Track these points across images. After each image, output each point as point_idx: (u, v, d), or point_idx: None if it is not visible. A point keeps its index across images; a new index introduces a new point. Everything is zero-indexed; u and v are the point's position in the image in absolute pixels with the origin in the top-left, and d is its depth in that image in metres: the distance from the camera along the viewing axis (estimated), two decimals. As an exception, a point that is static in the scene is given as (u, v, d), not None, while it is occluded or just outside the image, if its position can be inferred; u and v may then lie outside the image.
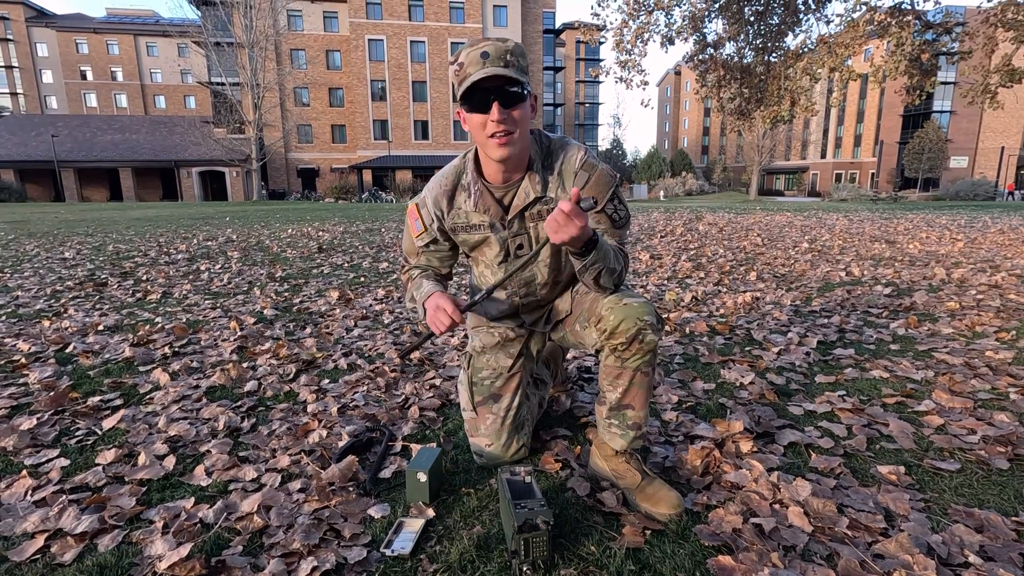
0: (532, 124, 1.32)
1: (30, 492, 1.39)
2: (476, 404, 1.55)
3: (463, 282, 4.47)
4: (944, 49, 7.39)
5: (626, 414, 1.35)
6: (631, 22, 7.57)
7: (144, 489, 1.42)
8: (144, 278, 4.64)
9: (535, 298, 1.52)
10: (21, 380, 2.20)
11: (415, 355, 2.47)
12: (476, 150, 1.36)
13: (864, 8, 7.02)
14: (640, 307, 1.29)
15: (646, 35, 7.63)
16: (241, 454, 1.61)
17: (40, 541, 1.20)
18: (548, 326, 1.57)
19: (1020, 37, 6.54)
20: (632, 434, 1.36)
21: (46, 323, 3.10)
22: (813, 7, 7.63)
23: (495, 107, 1.17)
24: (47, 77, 49.19)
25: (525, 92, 1.21)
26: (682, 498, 1.29)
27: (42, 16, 49.23)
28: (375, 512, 1.30)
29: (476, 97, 1.18)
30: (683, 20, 7.68)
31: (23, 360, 2.42)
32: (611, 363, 1.34)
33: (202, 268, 5.18)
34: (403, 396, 2.03)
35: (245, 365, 2.36)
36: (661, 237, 7.64)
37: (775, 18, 7.75)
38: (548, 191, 1.34)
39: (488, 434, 1.52)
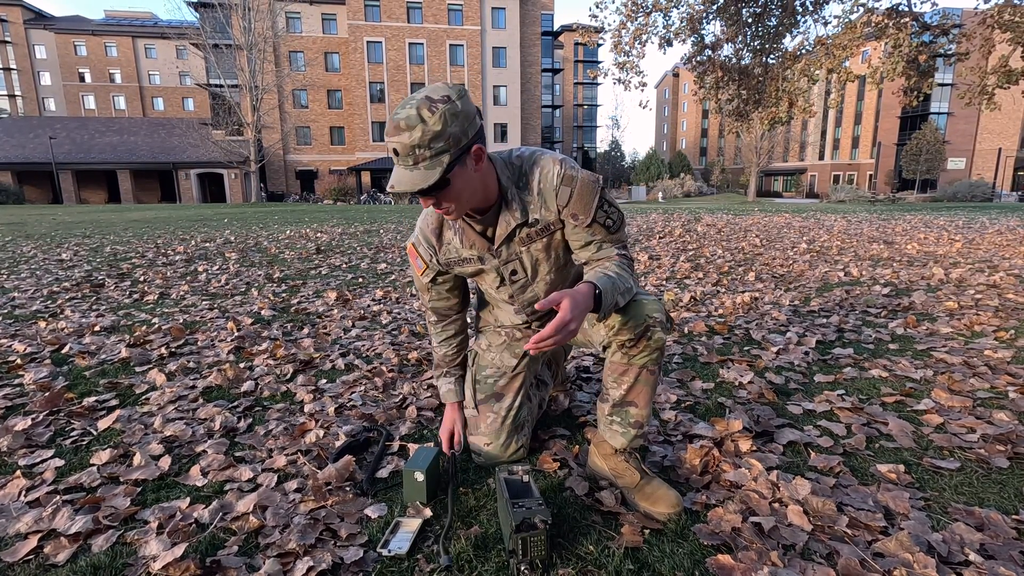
0: (493, 159, 1.26)
1: (24, 493, 1.38)
2: (478, 402, 1.55)
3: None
4: (941, 51, 7.40)
5: (629, 411, 1.34)
6: (629, 24, 7.58)
7: (139, 489, 1.41)
8: (141, 279, 4.63)
9: (542, 313, 1.51)
10: (16, 381, 2.19)
11: (413, 355, 2.47)
12: None
13: (862, 10, 7.05)
14: (649, 304, 1.27)
15: (644, 37, 7.64)
16: (237, 454, 1.60)
17: (33, 542, 1.19)
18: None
19: (1017, 38, 6.56)
20: (633, 432, 1.35)
21: (42, 324, 3.09)
22: (811, 9, 7.64)
23: (422, 202, 1.19)
24: (45, 79, 49.12)
25: (443, 178, 1.12)
26: (681, 497, 1.28)
27: (40, 18, 49.19)
28: (372, 512, 1.29)
29: None
30: (681, 22, 7.69)
31: (18, 361, 2.41)
32: (617, 359, 1.32)
33: (200, 269, 5.17)
34: (401, 396, 2.02)
35: (242, 366, 2.35)
36: (660, 238, 7.64)
37: (773, 20, 7.77)
38: (531, 213, 1.31)
39: (488, 433, 1.51)
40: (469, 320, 1.65)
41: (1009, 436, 1.59)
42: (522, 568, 1.07)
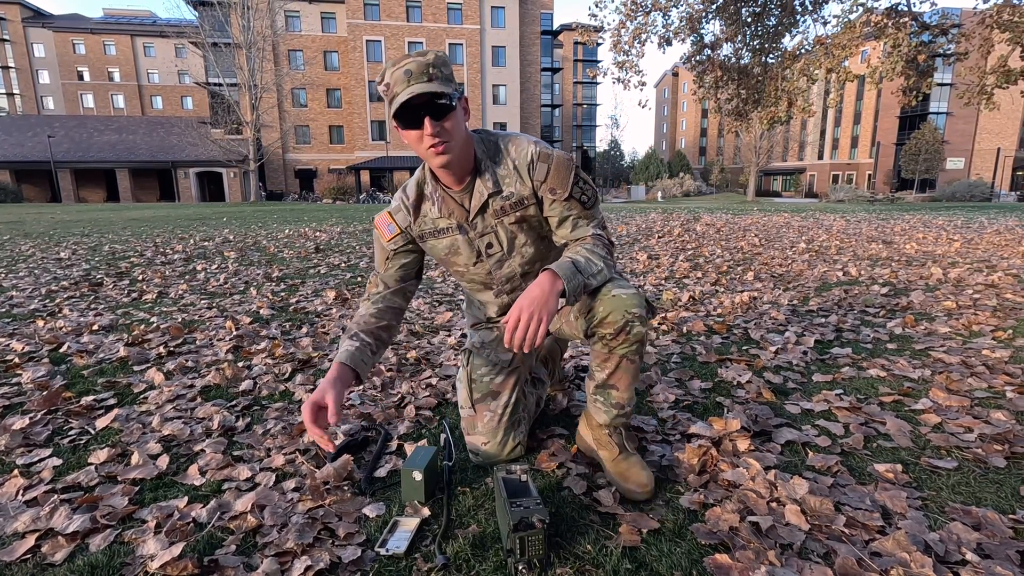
0: (470, 124, 1.33)
1: (21, 492, 1.38)
2: (475, 401, 1.55)
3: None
4: (940, 51, 7.40)
5: (611, 393, 1.40)
6: (629, 23, 7.58)
7: (137, 489, 1.41)
8: (140, 278, 4.62)
9: (521, 291, 1.51)
10: (14, 380, 2.19)
11: (412, 354, 2.47)
12: None
13: (861, 9, 7.05)
14: (629, 299, 1.29)
15: (644, 36, 7.64)
16: (235, 453, 1.60)
17: (31, 541, 1.19)
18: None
19: (1016, 38, 6.57)
20: (615, 412, 1.41)
21: (40, 323, 3.08)
22: (810, 8, 7.64)
23: (427, 122, 1.19)
24: (44, 78, 49.06)
25: (453, 102, 1.21)
26: (653, 480, 1.34)
27: (39, 16, 49.10)
28: (370, 511, 1.29)
29: (407, 115, 1.20)
30: (681, 21, 7.69)
31: (16, 360, 2.40)
32: (599, 348, 1.36)
33: (199, 268, 5.17)
34: (399, 395, 2.02)
35: (241, 365, 2.35)
36: (659, 238, 7.65)
37: (772, 19, 7.77)
38: (505, 186, 1.35)
39: (485, 432, 1.52)
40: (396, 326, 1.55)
41: (1006, 436, 1.60)
42: (520, 567, 1.07)
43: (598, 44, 8.89)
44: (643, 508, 1.30)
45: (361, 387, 2.10)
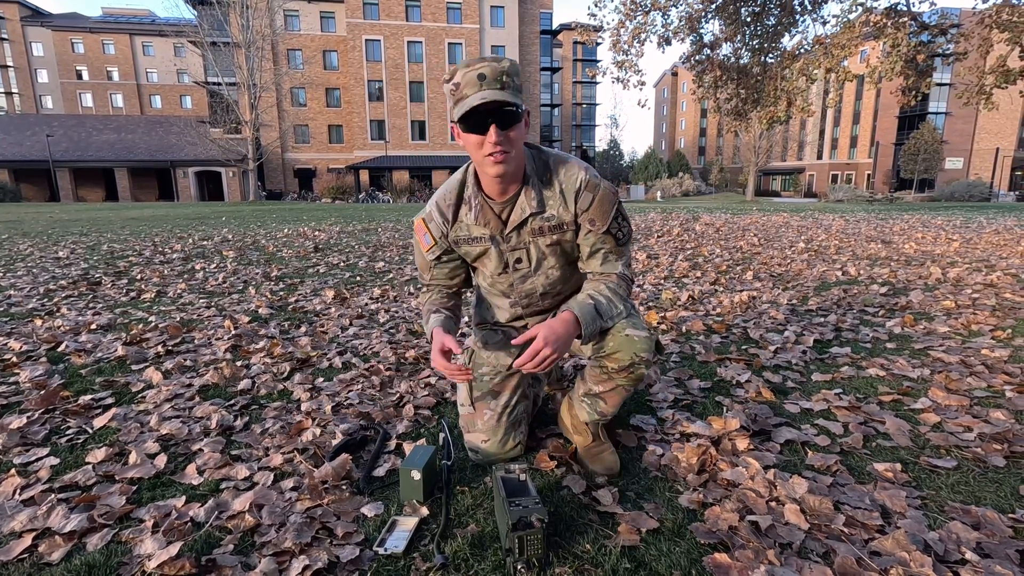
0: (527, 138, 1.33)
1: (18, 491, 1.37)
2: (474, 400, 1.55)
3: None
4: (939, 50, 7.41)
5: (599, 402, 1.45)
6: (628, 23, 7.57)
7: (135, 488, 1.40)
8: (138, 277, 4.62)
9: (538, 307, 1.54)
10: (12, 379, 2.18)
11: (410, 354, 2.46)
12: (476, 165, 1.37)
13: (860, 9, 7.05)
14: (640, 342, 1.34)
15: (643, 35, 7.64)
16: (234, 453, 1.59)
17: (28, 540, 1.18)
18: None
19: (1015, 38, 6.57)
20: (597, 416, 1.47)
21: (38, 322, 3.08)
22: (809, 8, 7.65)
23: (492, 129, 1.19)
24: (42, 77, 48.96)
25: (520, 112, 1.21)
26: (619, 464, 1.45)
27: (37, 15, 49.01)
28: (368, 511, 1.29)
29: (473, 119, 1.19)
30: (680, 21, 7.69)
31: (14, 359, 2.40)
32: (599, 372, 1.41)
33: (197, 267, 5.16)
34: (398, 394, 2.02)
35: (239, 364, 2.35)
36: (658, 237, 7.64)
37: (772, 19, 7.77)
38: (548, 208, 1.36)
39: (485, 430, 1.52)
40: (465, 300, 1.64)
41: (1006, 435, 1.59)
42: (519, 566, 1.06)
43: (597, 44, 8.92)
44: (642, 507, 1.30)
45: (360, 387, 2.09)
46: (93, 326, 3.00)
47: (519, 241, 1.40)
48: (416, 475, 1.30)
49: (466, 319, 2.92)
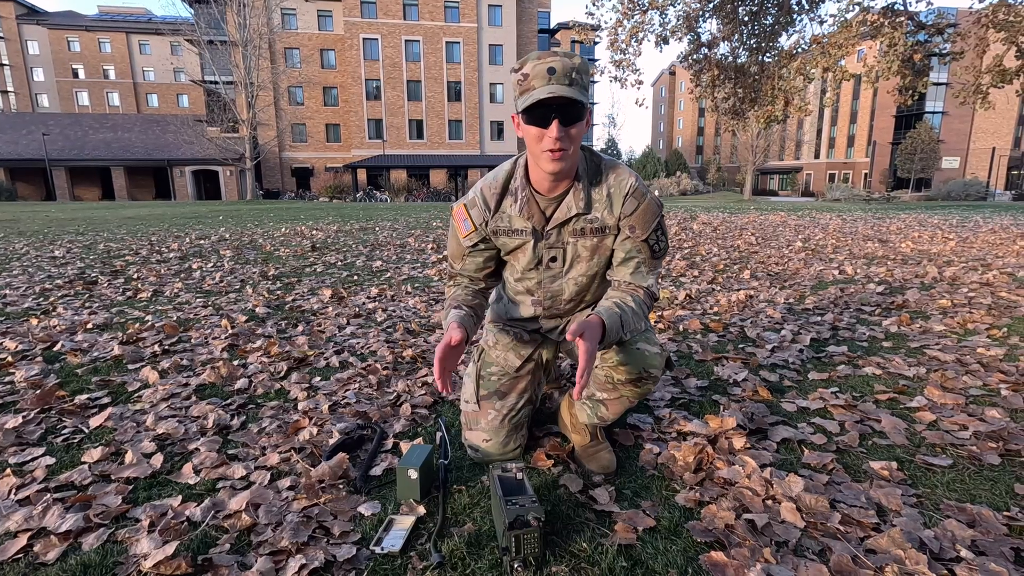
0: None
1: (14, 491, 1.37)
2: (480, 398, 1.55)
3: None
4: (936, 50, 7.43)
5: (600, 407, 1.47)
6: (626, 22, 7.57)
7: (131, 487, 1.40)
8: (135, 276, 4.60)
9: (558, 310, 1.53)
10: (7, 378, 2.17)
11: (408, 352, 2.46)
12: (527, 157, 1.36)
13: (857, 9, 7.06)
14: (651, 358, 1.36)
15: (641, 35, 7.64)
16: (230, 452, 1.59)
17: (23, 540, 1.18)
18: (561, 337, 1.59)
19: (1011, 38, 6.59)
20: (596, 420, 1.49)
21: (34, 321, 3.07)
22: (807, 7, 7.66)
23: (555, 125, 1.18)
24: (38, 75, 48.74)
25: (584, 111, 1.21)
26: (615, 463, 1.45)
27: (33, 13, 48.76)
28: (365, 510, 1.29)
29: (537, 111, 1.19)
30: (677, 20, 7.70)
31: (9, 358, 2.39)
32: (605, 381, 1.41)
33: (194, 267, 5.15)
34: (395, 394, 2.01)
35: (236, 363, 2.34)
36: (655, 236, 7.64)
37: (769, 18, 7.78)
38: (594, 210, 1.36)
39: (487, 429, 1.52)
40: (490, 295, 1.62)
41: (1001, 433, 1.60)
42: (515, 565, 1.06)
43: (595, 43, 8.89)
44: (639, 506, 1.30)
45: (357, 386, 2.09)
46: (89, 325, 2.99)
47: (558, 240, 1.40)
48: (413, 474, 1.30)
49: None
